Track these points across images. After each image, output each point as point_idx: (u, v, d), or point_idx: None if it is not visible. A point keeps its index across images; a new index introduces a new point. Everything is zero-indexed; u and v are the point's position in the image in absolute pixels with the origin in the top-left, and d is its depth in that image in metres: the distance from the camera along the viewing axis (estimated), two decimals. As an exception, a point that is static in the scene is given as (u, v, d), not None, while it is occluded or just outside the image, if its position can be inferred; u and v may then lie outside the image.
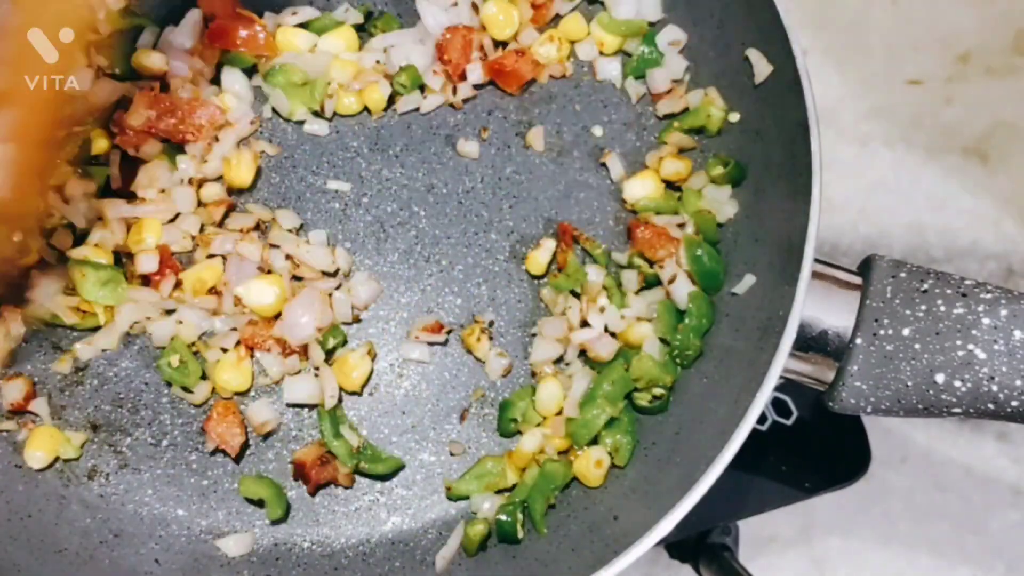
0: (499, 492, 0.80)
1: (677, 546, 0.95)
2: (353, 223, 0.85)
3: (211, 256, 0.82)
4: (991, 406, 0.70)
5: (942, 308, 0.71)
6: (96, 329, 0.81)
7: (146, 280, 0.81)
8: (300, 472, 0.79)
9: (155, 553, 0.78)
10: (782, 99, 0.77)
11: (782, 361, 0.70)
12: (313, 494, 0.80)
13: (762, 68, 0.80)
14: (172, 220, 0.83)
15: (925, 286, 0.72)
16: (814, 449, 0.94)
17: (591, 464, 0.78)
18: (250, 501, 0.79)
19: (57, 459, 0.79)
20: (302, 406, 0.81)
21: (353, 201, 0.86)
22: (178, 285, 0.81)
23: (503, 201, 0.86)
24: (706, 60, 0.86)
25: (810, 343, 0.72)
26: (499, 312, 0.84)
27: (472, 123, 0.88)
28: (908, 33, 1.11)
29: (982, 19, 1.11)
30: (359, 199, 0.86)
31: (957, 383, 0.70)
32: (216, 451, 0.80)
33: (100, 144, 0.83)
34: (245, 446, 0.80)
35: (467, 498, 0.80)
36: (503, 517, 0.77)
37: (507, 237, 0.86)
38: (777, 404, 0.95)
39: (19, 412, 0.80)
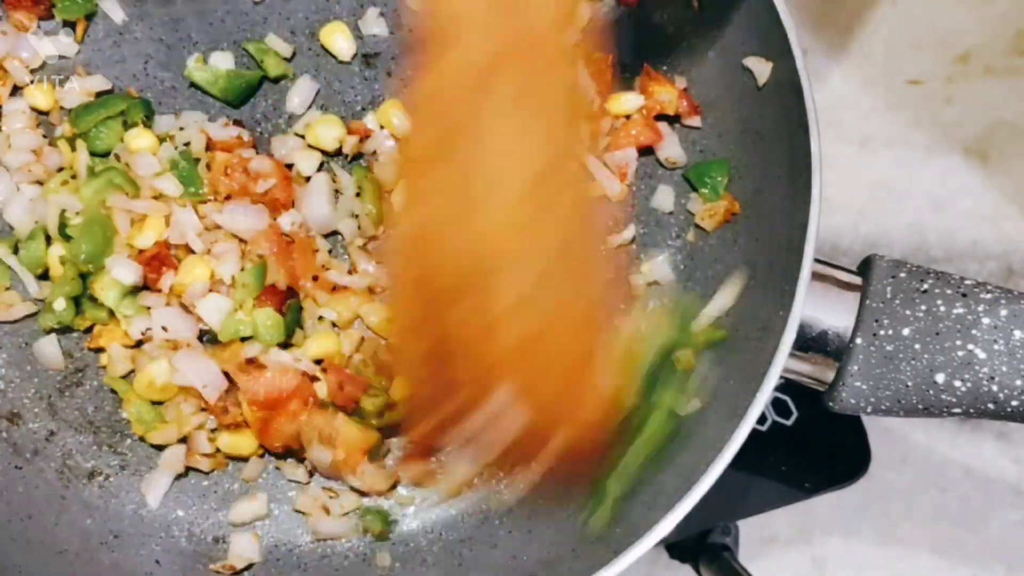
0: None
1: (677, 546, 0.95)
2: (353, 223, 0.86)
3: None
4: (991, 406, 0.70)
5: (942, 308, 0.71)
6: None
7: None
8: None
9: (155, 554, 0.78)
10: (782, 99, 0.77)
11: (782, 361, 0.69)
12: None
13: (762, 71, 0.80)
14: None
15: (925, 286, 0.72)
16: (814, 449, 0.94)
17: None
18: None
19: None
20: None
21: (353, 201, 0.86)
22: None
23: (503, 201, 0.86)
24: (706, 60, 0.86)
25: (810, 343, 0.72)
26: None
27: (472, 123, 0.88)
28: (908, 33, 1.11)
29: (982, 19, 1.10)
30: (359, 199, 0.86)
31: (957, 383, 0.70)
32: (216, 451, 0.80)
33: (144, 142, 0.83)
34: (245, 446, 0.81)
35: None
36: None
37: (507, 237, 0.86)
38: (777, 404, 0.95)
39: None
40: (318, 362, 0.79)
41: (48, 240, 0.81)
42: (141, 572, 0.77)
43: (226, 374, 0.77)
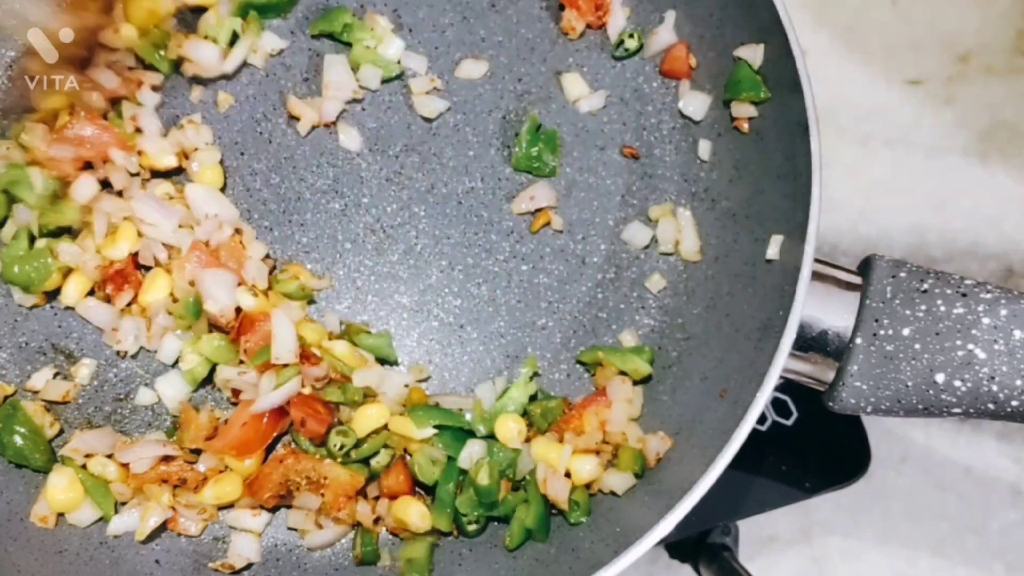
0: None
1: (677, 546, 0.95)
2: (353, 224, 0.85)
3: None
4: (991, 406, 0.70)
5: (942, 308, 0.71)
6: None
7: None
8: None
9: (155, 554, 0.78)
10: (782, 99, 0.77)
11: (782, 361, 0.70)
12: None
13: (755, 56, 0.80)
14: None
15: (925, 286, 0.72)
16: (814, 449, 0.94)
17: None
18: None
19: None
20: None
21: (353, 202, 0.86)
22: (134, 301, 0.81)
23: (503, 201, 0.86)
24: (706, 60, 0.86)
25: (810, 343, 0.72)
26: (499, 312, 0.84)
27: (472, 123, 0.88)
28: (908, 33, 1.11)
29: (982, 19, 1.11)
30: (359, 200, 0.86)
31: (957, 383, 0.70)
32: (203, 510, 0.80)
33: None
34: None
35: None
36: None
37: (507, 237, 0.86)
38: (777, 404, 0.95)
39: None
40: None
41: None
42: (141, 572, 0.77)
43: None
